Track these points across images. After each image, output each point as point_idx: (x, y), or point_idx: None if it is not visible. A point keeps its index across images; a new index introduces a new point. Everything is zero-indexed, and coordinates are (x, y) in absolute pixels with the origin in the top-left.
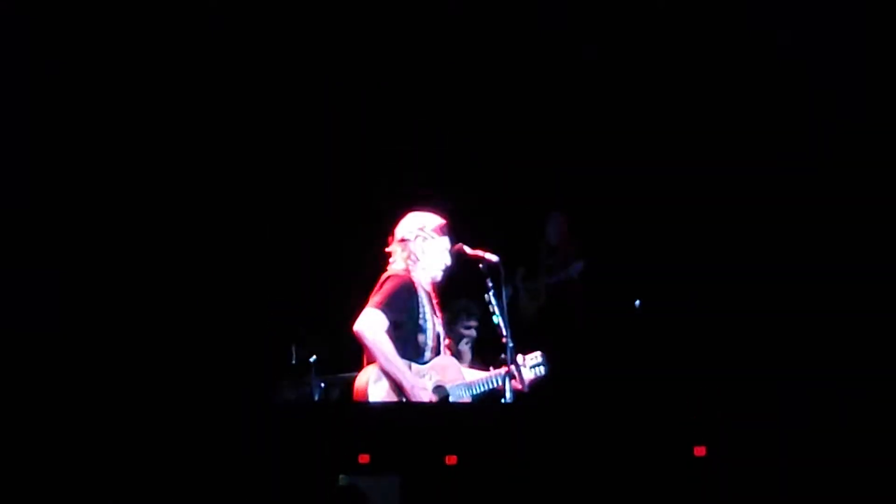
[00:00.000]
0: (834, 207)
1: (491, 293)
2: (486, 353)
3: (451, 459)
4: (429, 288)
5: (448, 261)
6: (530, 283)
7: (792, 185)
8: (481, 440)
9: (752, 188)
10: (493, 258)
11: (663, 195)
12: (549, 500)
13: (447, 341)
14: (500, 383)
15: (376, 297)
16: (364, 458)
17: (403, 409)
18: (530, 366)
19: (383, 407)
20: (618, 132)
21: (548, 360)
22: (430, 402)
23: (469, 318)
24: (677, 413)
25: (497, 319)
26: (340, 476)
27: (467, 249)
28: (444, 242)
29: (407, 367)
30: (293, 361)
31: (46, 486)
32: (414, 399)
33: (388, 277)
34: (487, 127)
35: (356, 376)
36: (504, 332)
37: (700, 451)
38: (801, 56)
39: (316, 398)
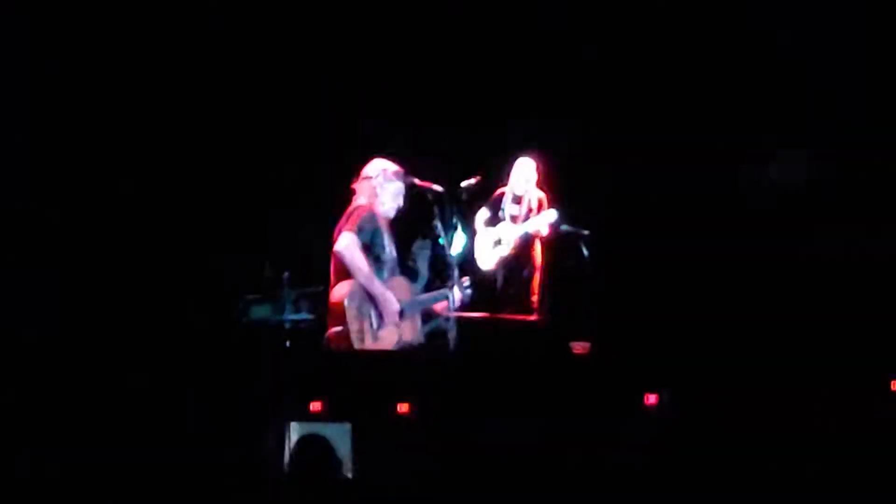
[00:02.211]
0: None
1: (438, 219)
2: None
3: (402, 407)
4: (385, 220)
5: (401, 203)
6: (492, 229)
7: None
8: (433, 388)
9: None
10: (439, 188)
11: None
12: (498, 448)
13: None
14: (444, 299)
15: (349, 223)
16: (316, 406)
17: (355, 357)
18: (464, 287)
19: (335, 354)
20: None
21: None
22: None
23: (424, 240)
24: (631, 367)
25: (442, 241)
26: (292, 423)
27: (417, 181)
28: (400, 187)
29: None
30: (268, 276)
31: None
32: (384, 305)
33: (356, 208)
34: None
35: (329, 289)
36: (448, 253)
37: (651, 399)
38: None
39: (287, 309)
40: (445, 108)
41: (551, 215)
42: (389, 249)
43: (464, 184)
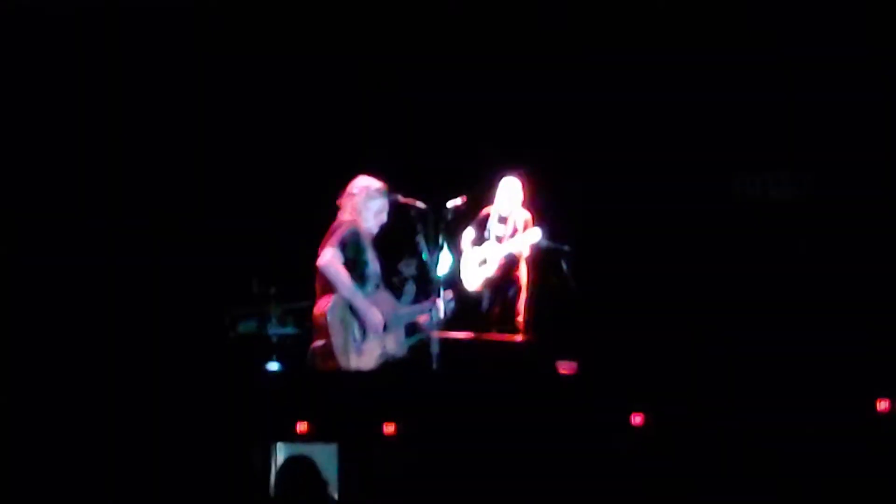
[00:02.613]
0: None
1: (420, 235)
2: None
3: (389, 428)
4: (369, 236)
5: (384, 219)
6: (478, 249)
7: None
8: (419, 409)
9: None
10: (422, 205)
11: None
12: (484, 469)
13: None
14: (427, 312)
15: (332, 239)
16: (302, 427)
17: (341, 378)
18: (447, 300)
19: (321, 375)
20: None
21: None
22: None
23: (410, 257)
24: (617, 387)
25: (425, 257)
26: (278, 444)
27: (401, 197)
28: (383, 203)
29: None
30: (255, 292)
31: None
32: (367, 318)
33: (340, 224)
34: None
35: (314, 304)
36: (431, 269)
37: (637, 419)
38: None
39: (273, 322)
40: (435, 128)
41: (535, 235)
42: (373, 264)
43: (450, 203)
